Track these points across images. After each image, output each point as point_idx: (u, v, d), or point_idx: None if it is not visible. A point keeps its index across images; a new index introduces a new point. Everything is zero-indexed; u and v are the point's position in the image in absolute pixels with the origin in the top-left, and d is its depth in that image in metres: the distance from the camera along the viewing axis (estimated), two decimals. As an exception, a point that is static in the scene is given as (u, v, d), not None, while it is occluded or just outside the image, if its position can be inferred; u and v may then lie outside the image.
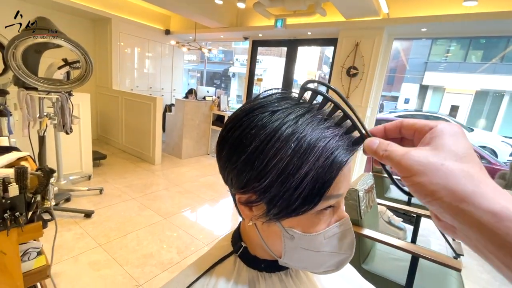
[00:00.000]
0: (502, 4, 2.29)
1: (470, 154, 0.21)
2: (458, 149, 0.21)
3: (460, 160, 0.21)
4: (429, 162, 0.21)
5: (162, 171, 3.56)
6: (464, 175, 0.20)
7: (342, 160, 0.27)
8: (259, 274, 0.36)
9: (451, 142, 0.22)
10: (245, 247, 0.37)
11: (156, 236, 2.05)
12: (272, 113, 0.29)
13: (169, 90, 5.38)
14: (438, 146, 0.22)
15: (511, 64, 9.32)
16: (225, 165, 0.32)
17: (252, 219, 0.31)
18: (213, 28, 4.18)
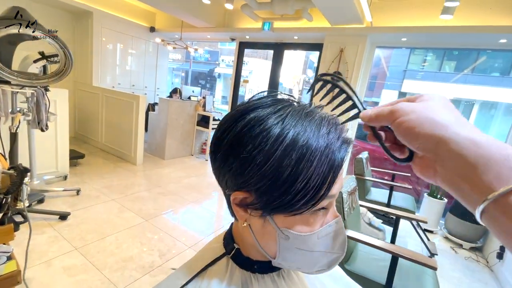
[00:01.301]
0: (474, 20, 2.45)
1: (453, 108, 0.24)
2: (441, 101, 0.25)
3: (443, 106, 0.24)
4: (416, 105, 0.24)
5: (143, 172, 3.46)
6: (447, 112, 0.23)
7: (339, 163, 0.28)
8: (252, 275, 0.36)
9: (437, 101, 0.25)
10: (237, 249, 0.36)
11: (136, 239, 1.99)
12: (269, 114, 0.30)
13: (152, 89, 5.25)
14: (423, 100, 0.25)
15: (480, 75, 9.97)
16: (220, 166, 0.32)
17: (246, 220, 0.31)
18: (200, 27, 4.14)
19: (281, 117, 0.29)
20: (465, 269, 2.26)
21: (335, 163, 0.28)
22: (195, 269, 0.36)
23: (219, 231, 2.32)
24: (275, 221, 0.30)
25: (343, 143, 0.30)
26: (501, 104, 9.61)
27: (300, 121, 0.29)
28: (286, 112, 0.30)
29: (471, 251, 2.57)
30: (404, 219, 1.70)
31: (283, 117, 0.29)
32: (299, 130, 0.28)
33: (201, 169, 3.94)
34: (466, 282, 2.09)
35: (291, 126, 0.28)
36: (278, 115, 0.30)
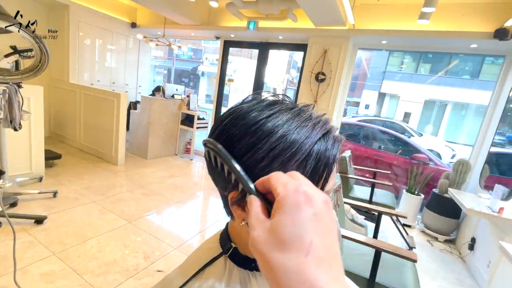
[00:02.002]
0: (448, 25, 2.60)
1: (297, 238, 0.19)
2: (286, 232, 0.20)
3: (283, 248, 0.19)
4: (262, 252, 0.20)
5: (125, 172, 3.35)
6: (283, 271, 0.19)
7: (332, 160, 0.30)
8: (250, 273, 0.36)
9: (284, 220, 0.20)
10: (235, 248, 0.37)
11: (119, 241, 1.93)
12: (264, 114, 0.30)
13: (134, 87, 5.09)
14: (272, 226, 0.21)
15: (453, 78, 10.56)
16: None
17: (244, 219, 0.32)
18: (184, 25, 4.07)
19: (276, 117, 0.30)
20: (440, 260, 2.40)
21: (329, 160, 0.30)
22: (192, 270, 0.36)
23: (205, 231, 2.31)
24: None
25: (335, 141, 0.31)
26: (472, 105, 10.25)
27: (294, 120, 0.30)
28: (281, 111, 0.31)
29: (445, 244, 2.72)
30: (385, 214, 1.77)
31: (278, 116, 0.30)
32: (294, 129, 0.29)
33: (185, 169, 3.88)
34: (442, 272, 2.22)
35: (287, 126, 0.29)
36: (273, 115, 0.30)
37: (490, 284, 1.97)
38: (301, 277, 0.18)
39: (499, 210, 1.92)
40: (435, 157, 4.35)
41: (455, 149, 6.78)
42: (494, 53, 2.81)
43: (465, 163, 2.72)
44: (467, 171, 2.71)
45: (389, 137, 4.81)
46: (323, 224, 0.20)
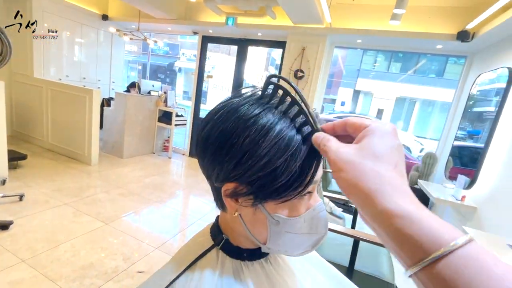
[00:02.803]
0: (417, 27, 2.76)
1: (388, 154, 0.23)
2: (378, 149, 0.23)
3: (376, 159, 0.23)
4: (350, 160, 0.23)
5: (100, 172, 3.20)
6: (374, 175, 0.22)
7: None
8: (242, 263, 0.37)
9: (375, 141, 0.24)
10: (226, 239, 0.37)
11: (96, 244, 1.85)
12: (257, 108, 0.31)
13: (107, 82, 4.84)
14: (363, 145, 0.24)
15: (421, 76, 11.24)
16: (210, 160, 0.33)
17: (237, 210, 0.33)
18: (160, 19, 3.93)
19: (269, 110, 0.31)
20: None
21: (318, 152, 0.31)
22: (184, 262, 0.36)
23: (186, 230, 2.28)
24: (266, 208, 0.32)
25: None
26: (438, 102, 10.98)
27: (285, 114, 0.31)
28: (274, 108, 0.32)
29: (415, 231, 2.92)
30: (362, 206, 1.86)
31: (270, 110, 0.31)
32: (284, 122, 0.30)
33: (163, 167, 3.79)
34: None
35: (275, 118, 0.30)
36: (265, 108, 0.31)
37: (454, 266, 2.15)
38: (391, 180, 0.22)
39: (461, 198, 2.09)
40: (406, 151, 4.63)
41: (423, 144, 7.24)
42: (457, 54, 3.04)
43: (432, 155, 2.92)
44: (434, 163, 2.91)
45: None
46: (402, 155, 0.24)
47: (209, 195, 3.18)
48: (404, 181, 0.23)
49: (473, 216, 2.04)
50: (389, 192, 0.21)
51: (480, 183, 2.09)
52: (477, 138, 2.62)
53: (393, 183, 0.22)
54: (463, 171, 2.47)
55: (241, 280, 0.36)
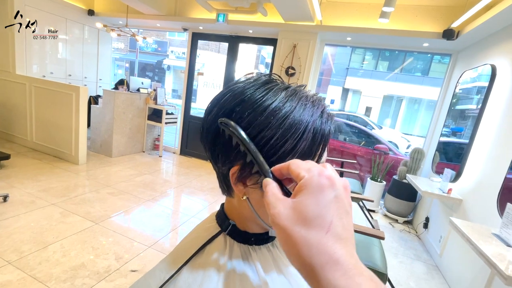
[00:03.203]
0: (404, 25, 2.82)
1: (320, 215, 0.21)
2: (309, 210, 0.21)
3: (307, 225, 0.21)
4: (284, 226, 0.22)
5: (88, 172, 3.12)
6: (305, 245, 0.21)
7: (328, 134, 0.32)
8: (250, 247, 0.37)
9: (307, 201, 0.22)
10: (233, 225, 0.38)
11: (87, 244, 1.80)
12: (263, 92, 0.31)
13: (93, 80, 4.71)
14: (296, 205, 0.22)
15: (408, 75, 11.52)
16: (216, 143, 0.33)
17: (245, 194, 0.33)
18: (148, 14, 3.85)
19: (273, 94, 0.31)
20: (400, 239, 2.65)
21: (325, 133, 0.32)
22: (192, 248, 0.36)
23: (178, 228, 2.26)
24: None
25: (328, 116, 0.33)
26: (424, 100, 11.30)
27: (291, 97, 0.32)
28: (277, 90, 0.32)
29: (404, 225, 3.01)
30: (354, 201, 1.90)
31: (275, 94, 0.31)
32: (292, 105, 0.31)
33: (154, 166, 3.73)
34: (401, 250, 2.45)
35: (285, 102, 0.31)
36: (271, 92, 0.32)
37: (441, 256, 2.23)
38: (322, 250, 0.20)
39: (448, 191, 2.17)
40: (394, 147, 4.74)
41: (410, 140, 7.44)
42: (443, 52, 3.13)
43: (420, 151, 3.01)
44: (421, 158, 3.00)
45: (353, 130, 5.12)
46: (342, 206, 0.22)
47: (201, 193, 3.15)
48: (337, 245, 0.21)
49: (459, 207, 2.12)
50: (321, 266, 0.20)
51: (465, 177, 2.17)
52: (460, 135, 2.72)
53: (323, 254, 0.20)
54: (449, 165, 2.56)
55: (249, 262, 0.36)
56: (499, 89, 1.99)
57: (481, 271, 1.67)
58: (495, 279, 1.55)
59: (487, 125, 2.03)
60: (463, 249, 1.93)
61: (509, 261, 1.17)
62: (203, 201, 2.87)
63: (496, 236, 1.40)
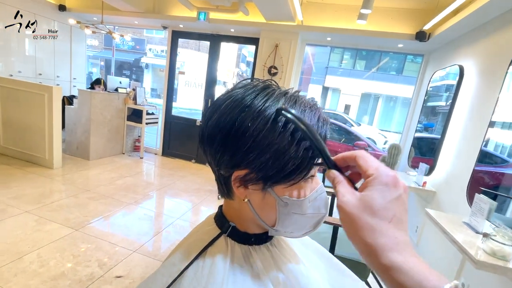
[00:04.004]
0: (380, 27, 2.94)
1: (385, 208, 0.25)
2: (376, 203, 0.25)
3: (373, 214, 0.25)
4: (351, 212, 0.26)
5: (64, 176, 2.97)
6: (370, 230, 0.24)
7: (324, 136, 0.34)
8: (250, 248, 0.39)
9: (374, 195, 0.25)
10: (233, 226, 0.39)
11: (67, 252, 1.72)
12: (263, 98, 0.33)
13: (67, 79, 4.48)
14: (364, 197, 0.26)
15: (384, 74, 12.02)
16: (218, 149, 0.33)
17: (247, 196, 0.34)
18: (125, 11, 3.72)
19: (275, 101, 0.33)
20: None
21: (321, 136, 0.34)
22: (193, 251, 0.37)
23: (164, 231, 2.22)
24: (275, 192, 0.33)
25: (324, 121, 0.35)
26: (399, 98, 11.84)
27: (289, 103, 0.33)
28: (277, 96, 0.34)
29: (383, 217, 3.15)
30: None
31: (276, 101, 0.33)
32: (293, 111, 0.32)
33: (136, 168, 3.62)
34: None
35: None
36: (271, 99, 0.33)
37: (418, 245, 2.37)
38: (385, 234, 0.25)
39: (423, 184, 2.30)
40: (372, 143, 4.94)
41: (387, 136, 7.78)
42: (416, 52, 3.30)
43: (397, 146, 3.16)
44: (398, 154, 3.15)
45: (333, 127, 5.27)
46: (402, 205, 0.26)
47: (185, 194, 3.11)
48: (398, 232, 0.25)
49: (433, 199, 2.26)
50: (382, 247, 0.24)
51: (438, 170, 2.32)
52: (432, 130, 2.90)
53: (385, 237, 0.24)
54: (423, 160, 2.72)
55: (250, 262, 0.38)
56: (466, 88, 2.14)
57: (454, 257, 1.79)
58: (466, 264, 1.68)
59: (457, 121, 2.18)
60: (437, 238, 2.06)
61: (478, 247, 1.27)
62: (188, 202, 2.84)
63: (466, 224, 1.52)
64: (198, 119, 4.13)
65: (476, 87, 1.98)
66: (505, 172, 1.88)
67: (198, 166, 4.10)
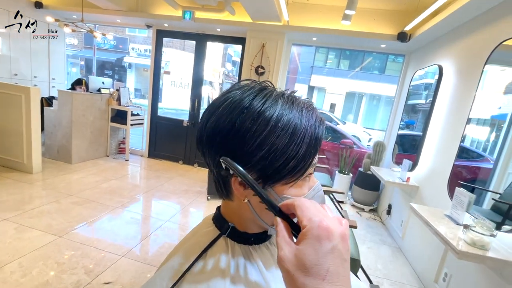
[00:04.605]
0: (364, 27, 3.02)
1: (318, 264, 0.24)
2: (308, 260, 0.24)
3: (306, 272, 0.24)
4: (288, 270, 0.25)
5: (45, 181, 2.84)
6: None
7: (320, 136, 0.35)
8: (250, 247, 0.39)
9: (307, 251, 0.25)
10: (233, 227, 0.39)
11: (51, 260, 1.65)
12: (261, 100, 0.33)
13: (45, 79, 4.29)
14: (298, 253, 0.25)
15: (367, 73, 12.33)
16: (218, 151, 0.34)
17: (246, 196, 0.34)
18: (106, 9, 3.60)
19: (273, 103, 0.33)
20: (368, 227, 2.85)
21: (319, 137, 0.35)
22: (194, 253, 0.36)
23: (153, 234, 2.17)
24: (275, 191, 0.34)
25: (320, 121, 0.36)
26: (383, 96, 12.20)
27: (287, 105, 0.34)
28: (275, 97, 0.34)
29: (370, 213, 3.24)
30: (325, 193, 2.00)
31: (274, 102, 0.33)
32: (290, 113, 0.33)
33: (121, 171, 3.53)
34: (369, 236, 2.65)
35: (283, 109, 0.33)
36: (269, 100, 0.33)
37: (403, 239, 2.46)
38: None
39: (407, 179, 2.39)
40: (357, 141, 5.06)
41: (371, 134, 8.00)
42: (398, 52, 3.41)
43: (381, 144, 3.26)
44: (383, 151, 3.25)
45: (321, 126, 5.35)
46: (338, 256, 0.25)
47: (174, 196, 3.07)
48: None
49: (416, 194, 2.35)
50: None
51: (421, 166, 2.41)
52: (413, 127, 3.01)
53: None
54: (406, 156, 2.81)
55: (251, 261, 0.38)
56: (445, 87, 2.24)
57: (437, 248, 1.88)
58: (448, 254, 1.76)
59: (437, 119, 2.27)
60: (421, 231, 2.15)
61: (459, 238, 1.34)
62: (176, 204, 2.80)
63: (448, 216, 1.59)
64: (185, 120, 4.07)
65: (454, 86, 2.08)
66: (481, 166, 1.98)
67: (185, 167, 4.05)
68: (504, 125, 1.69)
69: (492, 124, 1.84)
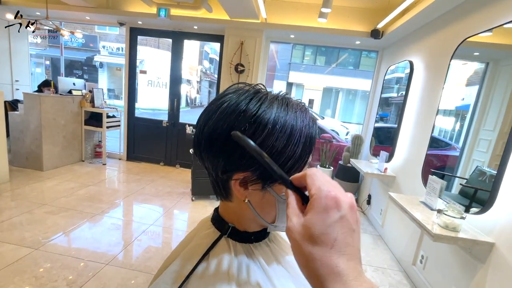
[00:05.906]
0: (340, 25, 3.11)
1: (325, 233, 0.23)
2: (316, 229, 0.24)
3: (313, 241, 0.24)
4: (296, 240, 0.25)
5: (13, 191, 2.65)
6: (311, 259, 0.23)
7: (315, 136, 0.36)
8: (251, 245, 0.40)
9: (314, 220, 0.24)
10: (233, 227, 0.39)
11: (27, 274, 1.56)
12: (259, 104, 0.34)
13: (7, 81, 3.97)
14: (306, 223, 0.25)
15: (343, 69, 12.71)
16: (217, 154, 0.34)
17: (247, 197, 0.35)
18: (74, 6, 3.40)
19: (269, 106, 0.34)
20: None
21: (312, 136, 0.36)
22: (195, 256, 0.37)
23: (136, 240, 2.11)
24: (274, 190, 0.35)
25: (313, 121, 0.38)
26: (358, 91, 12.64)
27: (283, 107, 0.35)
28: (270, 100, 0.35)
29: (351, 204, 3.37)
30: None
31: (270, 105, 0.34)
32: (286, 115, 0.34)
33: (99, 176, 3.37)
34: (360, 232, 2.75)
35: (279, 112, 0.34)
36: (265, 103, 0.34)
37: (383, 226, 2.59)
38: (325, 263, 0.23)
39: (384, 170, 2.52)
40: (336, 135, 5.22)
41: (349, 128, 8.28)
42: (372, 49, 3.55)
43: (359, 137, 3.39)
44: (361, 144, 3.39)
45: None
46: (347, 225, 0.24)
47: (157, 199, 2.99)
48: (340, 259, 0.23)
49: (393, 183, 2.49)
50: (323, 278, 0.23)
51: (397, 156, 2.55)
52: (387, 120, 3.16)
53: (326, 267, 0.23)
54: (383, 148, 2.96)
55: (253, 259, 0.39)
56: (416, 81, 2.37)
57: (414, 233, 2.00)
58: (424, 238, 1.89)
59: (410, 111, 2.41)
60: (399, 218, 2.28)
61: (433, 222, 1.44)
62: (159, 207, 2.73)
63: (422, 203, 1.70)
64: (165, 120, 3.97)
65: (424, 80, 2.21)
66: (449, 154, 2.13)
67: (167, 169, 3.95)
68: (467, 115, 1.82)
69: (457, 114, 1.98)
